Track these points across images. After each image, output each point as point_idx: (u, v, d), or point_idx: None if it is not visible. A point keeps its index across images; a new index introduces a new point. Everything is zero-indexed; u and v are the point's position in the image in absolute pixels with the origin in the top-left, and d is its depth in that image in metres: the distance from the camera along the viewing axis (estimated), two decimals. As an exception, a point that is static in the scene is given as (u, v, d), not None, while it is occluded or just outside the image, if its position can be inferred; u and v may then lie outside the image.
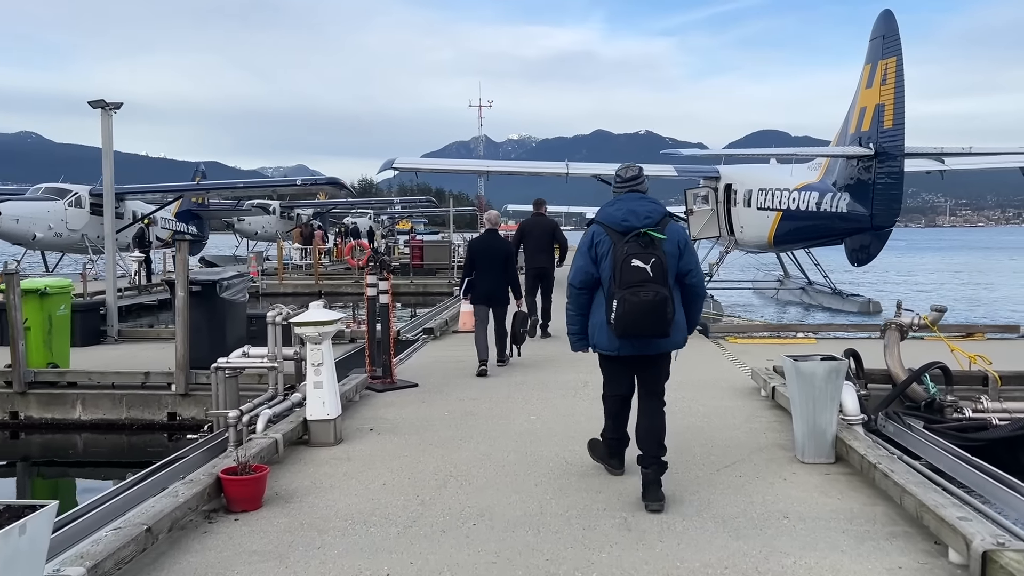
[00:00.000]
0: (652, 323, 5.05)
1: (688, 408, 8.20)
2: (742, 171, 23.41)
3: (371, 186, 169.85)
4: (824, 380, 6.10)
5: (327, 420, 6.99)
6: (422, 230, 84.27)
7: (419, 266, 29.84)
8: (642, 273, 4.99)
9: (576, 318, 5.53)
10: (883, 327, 9.17)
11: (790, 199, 19.79)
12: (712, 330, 13.55)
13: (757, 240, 22.27)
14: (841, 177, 17.85)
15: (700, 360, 11.23)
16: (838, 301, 23.38)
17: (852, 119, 17.50)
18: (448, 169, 25.19)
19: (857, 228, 17.26)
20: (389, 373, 9.69)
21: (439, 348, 12.88)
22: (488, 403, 8.59)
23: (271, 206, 48.43)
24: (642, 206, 5.29)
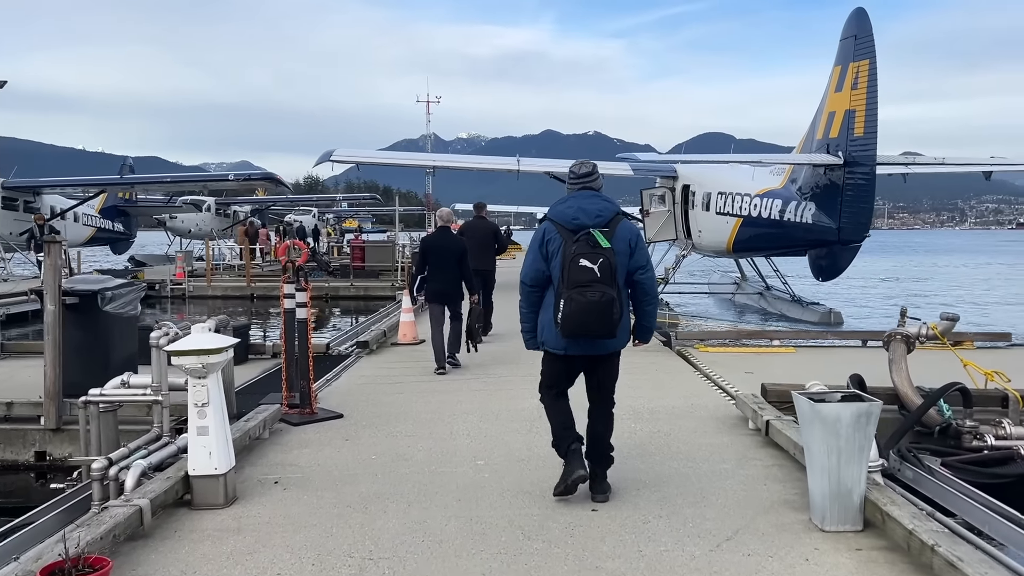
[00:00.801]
0: (598, 323, 5.02)
1: (667, 447, 6.84)
2: (701, 171, 22.28)
3: (317, 183, 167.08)
4: (851, 427, 4.78)
5: (214, 476, 5.44)
6: (369, 228, 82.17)
7: (360, 268, 28.14)
8: (589, 273, 4.97)
9: (528, 315, 5.47)
10: (886, 338, 7.93)
11: (751, 205, 18.70)
12: (679, 337, 12.26)
13: (715, 246, 21.16)
14: (806, 184, 16.79)
15: (670, 378, 9.92)
16: (797, 309, 22.38)
17: (819, 124, 16.44)
18: (392, 163, 23.52)
19: (822, 241, 16.22)
20: (308, 402, 8.14)
21: (374, 365, 11.34)
22: (426, 440, 7.11)
23: (205, 203, 46.14)
24: (593, 204, 5.22)
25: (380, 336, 13.23)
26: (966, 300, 30.98)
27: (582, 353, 5.30)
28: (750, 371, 9.93)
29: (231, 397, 8.02)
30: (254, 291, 27.00)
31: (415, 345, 13.04)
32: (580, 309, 4.96)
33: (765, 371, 9.97)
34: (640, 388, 9.25)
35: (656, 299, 5.57)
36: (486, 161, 24.26)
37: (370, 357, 11.99)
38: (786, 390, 7.86)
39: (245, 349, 12.01)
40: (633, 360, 11.27)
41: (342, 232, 61.52)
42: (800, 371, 9.93)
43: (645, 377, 9.94)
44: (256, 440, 7.04)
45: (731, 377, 9.62)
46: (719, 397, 8.82)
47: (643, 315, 5.48)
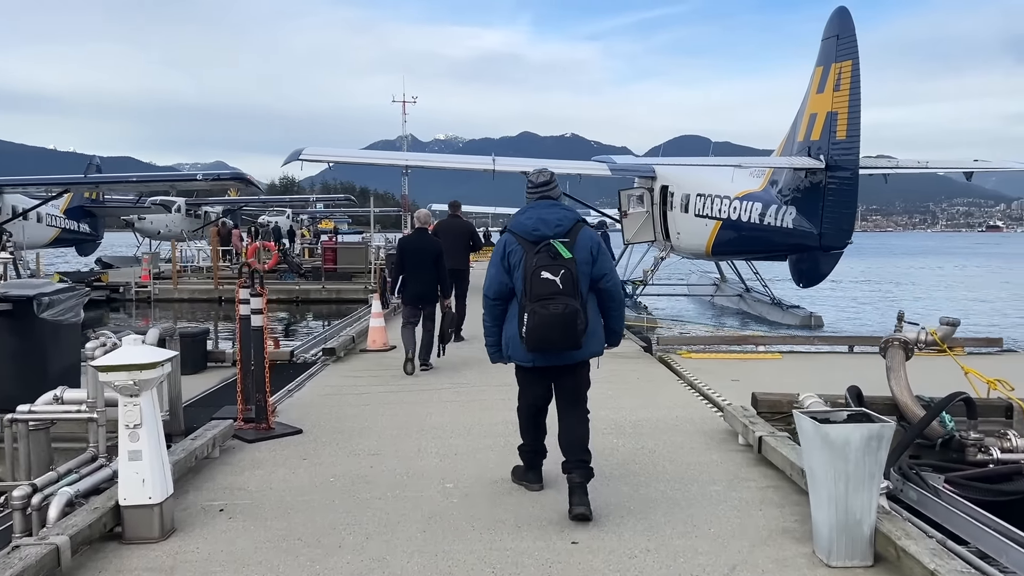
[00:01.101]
0: (562, 336, 4.96)
1: (652, 466, 6.31)
2: (679, 172, 21.83)
3: (293, 184, 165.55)
4: (861, 451, 4.27)
5: (148, 506, 4.84)
6: (346, 230, 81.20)
7: (332, 270, 27.41)
8: (552, 286, 4.92)
9: (492, 329, 5.42)
10: (883, 344, 7.47)
11: (731, 208, 18.26)
12: (661, 342, 11.77)
13: (694, 248, 20.72)
14: (787, 187, 16.38)
15: (652, 387, 9.41)
16: (777, 312, 22.01)
17: (801, 125, 16.03)
18: (363, 162, 22.85)
19: (803, 246, 15.81)
20: (265, 416, 7.53)
21: (341, 373, 10.73)
22: (391, 459, 6.53)
23: (175, 203, 45.17)
24: (552, 214, 5.19)
25: (348, 342, 12.62)
26: (947, 302, 30.82)
27: (550, 364, 5.23)
28: (736, 379, 9.46)
29: (178, 412, 7.43)
30: (222, 294, 26.19)
31: (385, 352, 12.46)
32: (543, 322, 4.91)
33: (751, 379, 9.49)
34: (621, 398, 8.74)
35: (622, 304, 5.55)
36: (461, 160, 23.69)
37: (337, 365, 11.38)
38: (778, 400, 7.41)
39: (204, 357, 11.39)
40: (613, 367, 10.89)
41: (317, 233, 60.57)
42: (788, 379, 9.48)
43: (626, 386, 9.43)
44: (205, 460, 6.43)
45: (717, 385, 9.13)
46: (706, 408, 8.31)
47: (610, 319, 5.41)
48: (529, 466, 5.68)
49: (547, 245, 5.04)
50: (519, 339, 5.11)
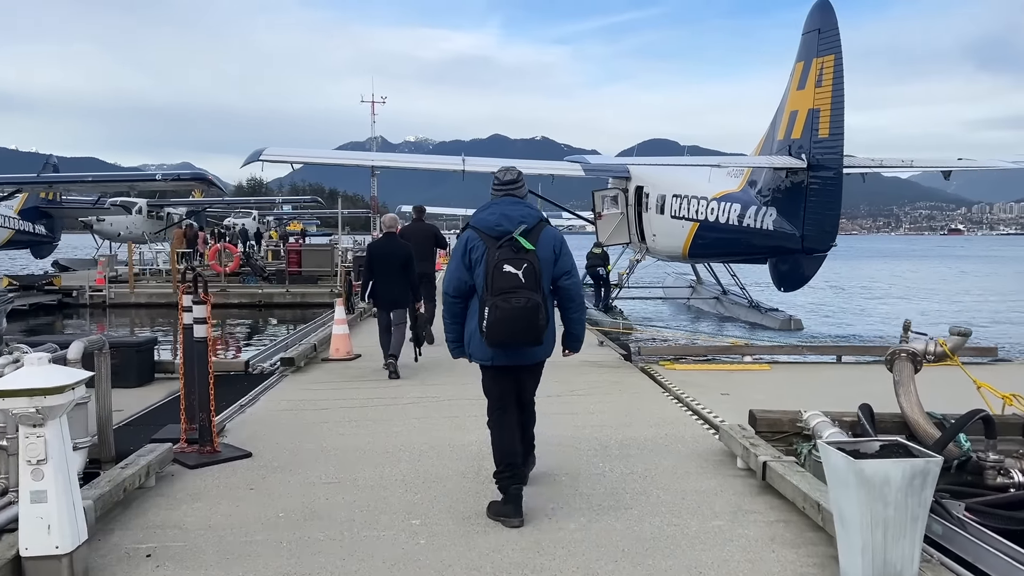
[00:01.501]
0: (524, 330, 4.89)
1: (645, 495, 5.61)
2: (655, 173, 21.29)
3: (261, 186, 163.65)
4: (904, 491, 3.62)
5: (55, 557, 4.05)
6: (314, 232, 79.92)
7: (296, 273, 26.49)
8: (514, 279, 4.87)
9: (452, 326, 5.35)
10: (890, 356, 6.86)
11: (708, 209, 17.73)
12: (642, 352, 11.12)
13: (670, 250, 20.18)
14: (767, 188, 15.86)
15: (637, 402, 8.74)
16: (756, 315, 21.54)
17: (780, 124, 15.53)
18: (327, 162, 22.00)
19: (784, 249, 15.29)
20: (209, 438, 6.74)
21: (299, 386, 9.93)
22: (350, 489, 5.78)
23: (136, 205, 43.86)
24: (516, 210, 5.16)
25: (309, 351, 11.82)
26: (924, 307, 30.61)
27: (509, 363, 5.18)
28: (726, 392, 8.82)
29: (108, 436, 6.61)
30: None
31: (349, 361, 11.69)
32: (506, 316, 4.83)
33: (742, 393, 8.89)
34: (604, 414, 8.07)
35: (583, 306, 5.49)
36: (430, 160, 22.96)
37: (296, 376, 10.58)
38: (778, 419, 6.77)
39: (151, 368, 10.54)
40: (592, 379, 10.23)
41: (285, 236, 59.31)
42: (781, 392, 8.90)
43: (608, 400, 8.76)
44: (138, 490, 5.64)
45: (706, 400, 8.48)
46: (697, 426, 7.65)
47: (570, 323, 5.40)
48: (507, 496, 5.17)
49: (510, 239, 4.96)
50: (479, 334, 5.01)
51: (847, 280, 45.47)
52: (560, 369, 10.64)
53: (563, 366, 10.92)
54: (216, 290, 25.83)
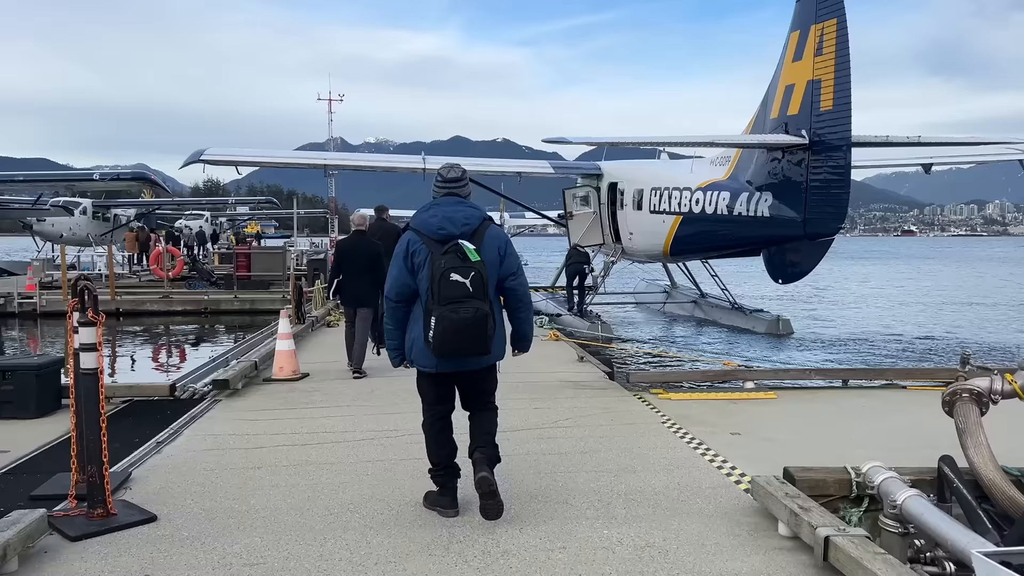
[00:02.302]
0: (472, 342, 4.77)
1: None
2: (630, 168, 20.05)
3: (218, 187, 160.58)
4: None
5: None
6: (272, 234, 77.71)
7: (246, 277, 24.78)
8: (462, 288, 4.70)
9: (394, 332, 5.15)
10: (949, 397, 5.56)
11: (692, 200, 16.50)
12: (633, 379, 9.77)
13: (649, 249, 18.92)
14: (760, 173, 14.66)
15: (634, 434, 7.36)
16: (739, 318, 20.38)
17: (774, 101, 14.32)
18: (276, 162, 20.36)
19: (784, 236, 14.09)
20: (101, 498, 5.22)
21: (232, 416, 8.39)
22: (278, 571, 4.33)
23: (80, 205, 41.70)
24: (459, 212, 4.98)
25: (248, 370, 10.28)
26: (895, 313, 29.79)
27: (455, 370, 5.03)
28: (736, 432, 7.47)
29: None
30: (120, 305, 23.37)
31: (294, 381, 10.18)
32: (453, 327, 4.69)
33: (754, 429, 7.58)
34: (599, 453, 6.69)
35: (530, 305, 5.35)
36: (388, 160, 21.53)
37: (231, 402, 9.04)
38: (822, 479, 5.41)
39: (57, 394, 8.90)
40: (577, 404, 8.57)
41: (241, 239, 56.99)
42: (799, 428, 7.66)
43: (601, 433, 7.38)
44: (-11, 581, 4.15)
45: (715, 442, 7.10)
46: (714, 470, 6.27)
47: (519, 323, 5.27)
48: (443, 487, 5.20)
49: (455, 245, 4.79)
50: (424, 343, 4.87)
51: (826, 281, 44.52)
52: (539, 391, 9.28)
53: (541, 388, 9.63)
54: (158, 296, 24.05)
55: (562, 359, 11.76)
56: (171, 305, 23.51)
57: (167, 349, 20.03)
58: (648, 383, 9.74)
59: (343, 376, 10.55)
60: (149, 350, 19.87)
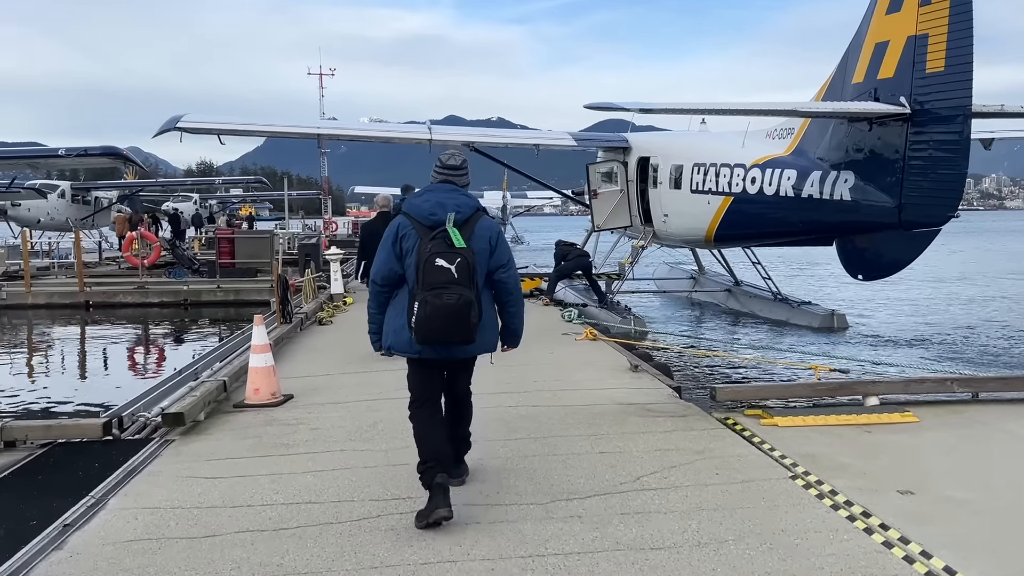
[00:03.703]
0: (454, 328, 4.68)
1: None
2: (665, 141, 17.61)
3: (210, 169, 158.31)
4: None
5: None
6: (267, 216, 75.29)
7: (230, 265, 22.39)
8: (446, 274, 4.64)
9: (376, 316, 5.12)
10: None
11: (747, 179, 14.08)
12: (719, 397, 7.43)
13: (688, 233, 16.52)
14: (836, 148, 12.24)
15: (773, 511, 5.00)
16: (783, 310, 18.01)
17: (858, 62, 11.83)
18: (262, 131, 17.95)
19: (870, 224, 11.67)
20: None
21: (183, 469, 6.05)
22: None
23: (58, 188, 39.26)
24: (451, 199, 4.92)
25: (214, 393, 7.93)
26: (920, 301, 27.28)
27: (438, 357, 4.91)
28: (905, 488, 5.16)
29: None
30: (90, 297, 20.97)
31: (273, 407, 7.84)
32: (436, 313, 4.59)
33: (921, 480, 5.33)
34: (727, 544, 4.42)
35: (520, 299, 5.20)
36: (389, 130, 19.04)
37: (185, 444, 6.70)
38: None
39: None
40: (658, 443, 5.92)
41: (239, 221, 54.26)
42: (986, 473, 5.39)
43: (714, 501, 5.07)
44: None
45: (885, 508, 4.82)
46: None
47: (508, 316, 5.13)
48: (432, 491, 4.76)
49: (443, 231, 4.73)
50: (407, 329, 4.77)
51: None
52: (598, 422, 6.95)
53: (599, 416, 7.06)
54: (133, 287, 21.65)
55: (610, 367, 9.44)
56: (147, 296, 21.10)
57: (129, 354, 17.12)
58: (739, 401, 7.43)
59: (338, 396, 8.25)
60: (106, 356, 16.75)
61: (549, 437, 6.56)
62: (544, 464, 5.87)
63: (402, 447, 6.29)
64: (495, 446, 6.33)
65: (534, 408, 7.55)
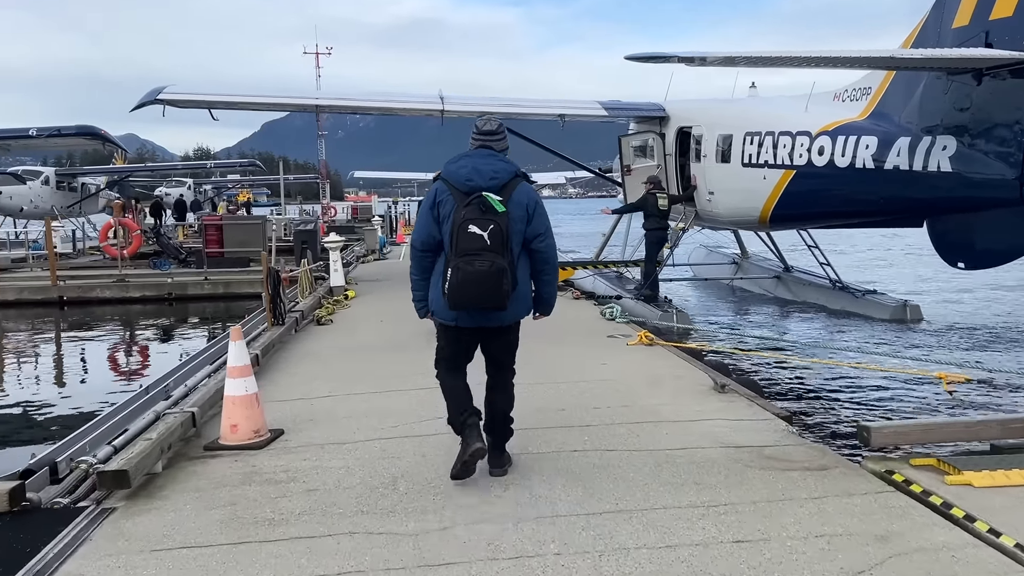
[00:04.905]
0: (486, 295, 4.67)
1: None
2: (710, 108, 15.53)
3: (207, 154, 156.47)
4: None
5: None
6: (265, 202, 73.29)
7: (218, 255, 20.36)
8: (479, 241, 4.63)
9: (419, 283, 5.10)
10: None
11: (812, 149, 12.07)
12: (874, 440, 5.40)
13: (739, 213, 14.51)
14: (929, 111, 10.22)
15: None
16: (845, 300, 15.95)
17: (957, 4, 9.82)
18: (253, 102, 15.91)
19: (979, 200, 9.69)
20: None
21: (127, 560, 4.07)
22: None
23: (41, 174, 37.29)
24: (488, 164, 4.86)
25: (176, 433, 5.91)
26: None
27: (474, 325, 4.90)
28: None
29: None
30: (64, 292, 18.93)
31: (254, 451, 5.83)
32: (467, 279, 4.61)
33: None
34: None
35: (555, 268, 5.14)
36: (395, 99, 16.90)
37: (129, 518, 4.68)
38: None
39: None
40: (810, 525, 2.15)
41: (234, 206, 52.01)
42: None
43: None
44: None
45: None
46: None
47: (542, 285, 5.07)
48: (464, 434, 4.89)
49: (478, 198, 4.68)
50: (442, 295, 4.78)
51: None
52: (712, 488, 4.80)
53: (707, 471, 4.99)
54: (111, 280, 19.61)
55: (688, 386, 7.39)
56: (127, 291, 19.06)
57: (89, 366, 14.35)
58: (898, 446, 5.42)
59: (343, 431, 6.27)
60: (62, 370, 13.99)
61: (646, 510, 4.54)
62: (656, 568, 3.86)
63: (437, 527, 4.31)
64: (565, 526, 4.33)
65: (608, 454, 5.53)
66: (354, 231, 33.85)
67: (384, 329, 11.12)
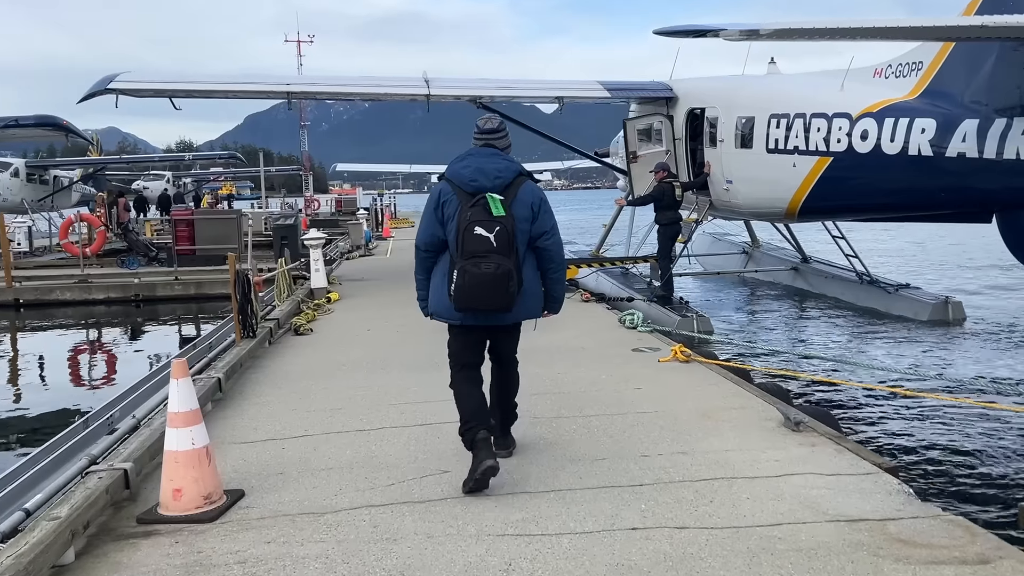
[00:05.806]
0: (492, 297, 4.64)
1: None
2: (726, 87, 14.15)
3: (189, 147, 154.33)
4: None
5: None
6: (248, 195, 71.64)
7: (189, 252, 18.84)
8: (485, 243, 4.60)
9: (423, 282, 5.11)
10: None
11: (853, 133, 10.71)
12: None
13: (762, 204, 13.15)
14: (1003, 89, 8.90)
15: None
16: (875, 296, 14.59)
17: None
18: (216, 88, 14.38)
19: None
20: None
21: None
22: None
23: (11, 166, 35.74)
24: (493, 164, 4.83)
25: (100, 502, 4.47)
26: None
27: (480, 324, 4.90)
28: None
29: None
30: (20, 294, 17.37)
31: (206, 525, 4.39)
32: (474, 282, 4.59)
33: None
34: None
35: (563, 265, 5.13)
36: (377, 83, 15.41)
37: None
38: None
39: None
40: None
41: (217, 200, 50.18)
42: None
43: None
44: None
45: None
46: None
47: (550, 283, 5.04)
48: (475, 448, 4.73)
49: (483, 199, 4.65)
50: (447, 297, 4.79)
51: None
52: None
53: (820, 571, 3.41)
54: (73, 281, 18.06)
55: (754, 423, 5.87)
56: (90, 292, 17.54)
57: (21, 392, 11.79)
58: None
59: (321, 491, 4.86)
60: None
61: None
62: None
63: None
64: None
65: (678, 535, 4.09)
66: (338, 225, 32.54)
67: (372, 340, 9.71)
